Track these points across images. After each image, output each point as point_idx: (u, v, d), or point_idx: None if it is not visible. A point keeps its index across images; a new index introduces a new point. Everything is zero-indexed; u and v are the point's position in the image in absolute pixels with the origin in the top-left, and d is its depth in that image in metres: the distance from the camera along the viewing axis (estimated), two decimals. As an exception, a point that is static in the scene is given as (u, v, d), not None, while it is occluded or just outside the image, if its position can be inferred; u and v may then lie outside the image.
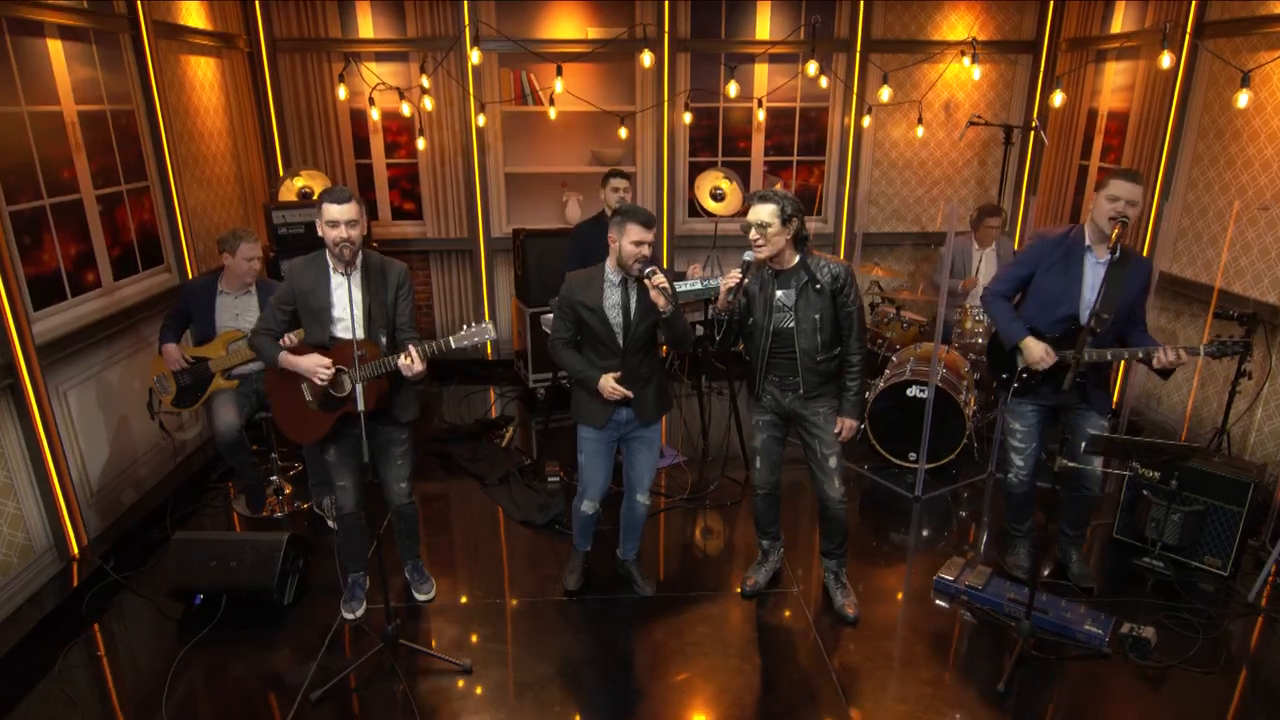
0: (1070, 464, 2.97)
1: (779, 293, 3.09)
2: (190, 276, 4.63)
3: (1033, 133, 5.63)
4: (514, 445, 5.08)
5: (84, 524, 3.67)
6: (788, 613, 3.47)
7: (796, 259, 3.06)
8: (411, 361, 2.85)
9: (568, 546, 3.79)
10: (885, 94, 5.77)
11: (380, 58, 5.80)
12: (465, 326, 2.95)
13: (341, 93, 5.53)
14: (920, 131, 6.03)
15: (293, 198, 5.46)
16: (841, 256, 6.38)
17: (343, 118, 5.87)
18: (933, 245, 6.29)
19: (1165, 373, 3.08)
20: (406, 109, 5.62)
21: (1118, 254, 3.03)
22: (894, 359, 5.08)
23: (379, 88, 5.64)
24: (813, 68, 5.55)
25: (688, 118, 5.83)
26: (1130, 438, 3.55)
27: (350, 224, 2.91)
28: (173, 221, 4.53)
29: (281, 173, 5.81)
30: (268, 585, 3.29)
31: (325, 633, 3.28)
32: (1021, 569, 3.66)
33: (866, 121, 5.98)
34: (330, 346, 3.03)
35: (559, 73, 5.45)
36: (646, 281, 3.02)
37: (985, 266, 5.34)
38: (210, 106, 5.05)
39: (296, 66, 5.69)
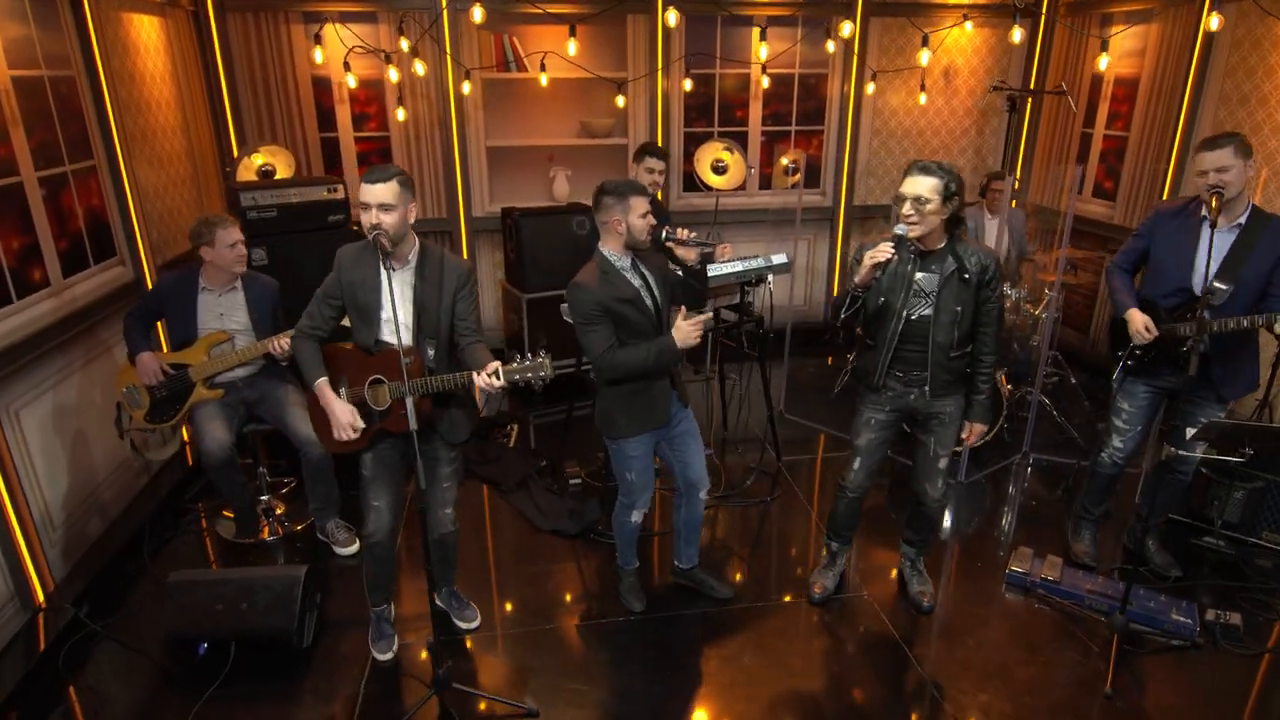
0: (1179, 452, 2.79)
1: (919, 275, 2.75)
2: (145, 269, 4.04)
3: (1059, 97, 5.46)
4: (521, 444, 4.69)
5: (48, 566, 3.12)
6: (863, 619, 3.23)
7: (944, 241, 2.75)
8: (493, 379, 2.45)
9: (607, 557, 3.48)
10: (924, 57, 5.50)
11: (345, 18, 5.20)
12: (519, 359, 2.53)
13: (317, 55, 4.92)
14: (923, 99, 5.82)
15: (252, 177, 4.86)
16: (840, 230, 6.17)
17: (305, 86, 5.26)
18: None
19: None
20: (393, 75, 5.05)
21: (1214, 219, 2.85)
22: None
23: (356, 50, 5.05)
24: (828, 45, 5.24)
25: (688, 85, 5.45)
26: (1248, 423, 3.45)
27: (384, 208, 2.47)
28: (124, 206, 3.92)
29: (235, 149, 5.18)
30: (286, 628, 2.85)
31: (358, 680, 2.86)
32: (1089, 555, 3.53)
33: (870, 89, 5.72)
34: (375, 351, 2.62)
35: (572, 32, 4.97)
36: (670, 244, 2.87)
37: (993, 236, 5.18)
38: (156, 73, 4.40)
39: (249, 28, 5.04)
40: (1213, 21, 4.13)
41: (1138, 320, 3.05)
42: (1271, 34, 4.21)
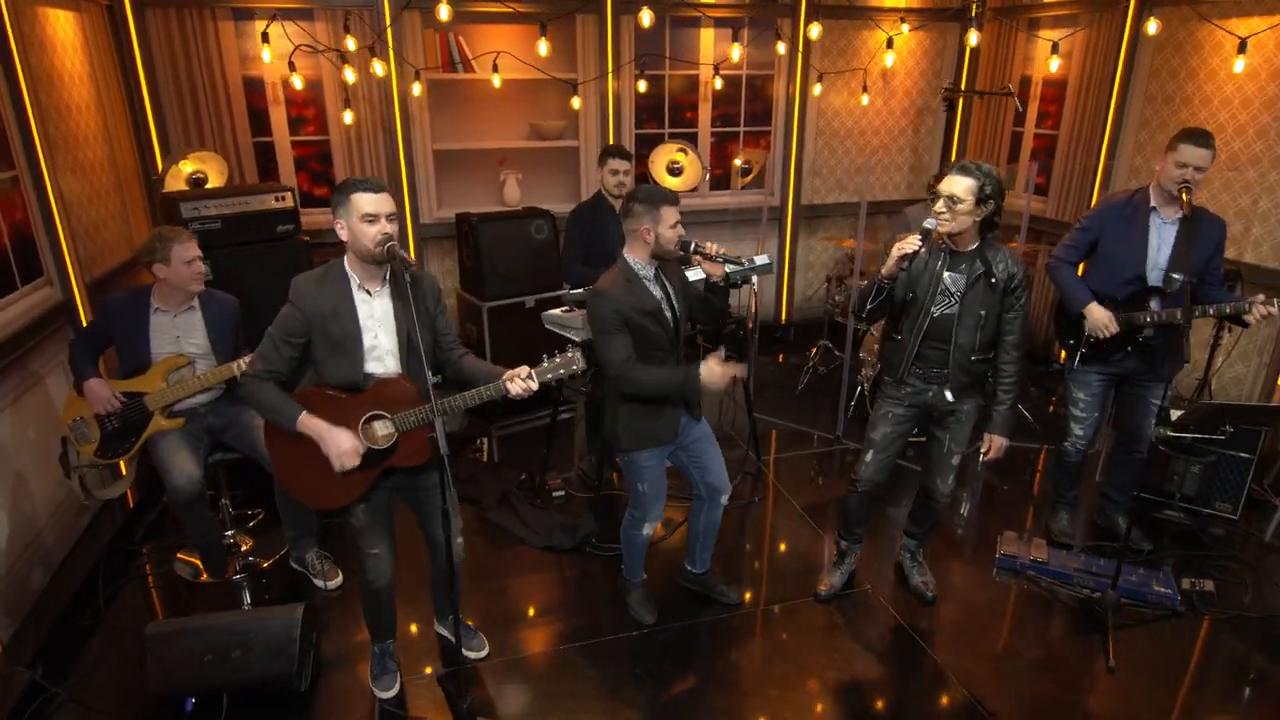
0: (1170, 434, 2.94)
1: (947, 274, 2.78)
2: (75, 290, 3.66)
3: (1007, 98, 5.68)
4: (492, 459, 4.53)
5: (-6, 626, 2.78)
6: (872, 613, 3.26)
7: (975, 244, 2.77)
8: (528, 382, 2.32)
9: (606, 569, 3.43)
10: (889, 58, 5.62)
11: (279, 15, 4.89)
12: (547, 358, 2.42)
13: (266, 55, 4.57)
14: (865, 99, 5.97)
15: (182, 185, 4.51)
16: (789, 230, 6.26)
17: (235, 87, 4.91)
18: (885, 214, 6.28)
19: (1239, 322, 3.08)
20: (350, 75, 4.75)
21: (1189, 213, 3.02)
22: (874, 331, 4.99)
23: (303, 49, 4.73)
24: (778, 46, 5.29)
25: (642, 86, 5.39)
26: (1230, 404, 3.67)
27: (391, 217, 2.32)
28: (49, 220, 3.53)
29: (159, 156, 4.78)
30: (286, 672, 2.63)
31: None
32: (1067, 535, 3.69)
33: (817, 90, 5.82)
34: (365, 386, 2.40)
35: (543, 32, 4.80)
36: (696, 257, 2.80)
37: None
38: (75, 73, 4.00)
39: (172, 25, 4.66)
40: (1150, 26, 4.40)
41: (1101, 315, 3.19)
42: (1194, 38, 4.53)
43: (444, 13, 4.31)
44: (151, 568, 3.49)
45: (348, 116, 4.83)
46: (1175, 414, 3.10)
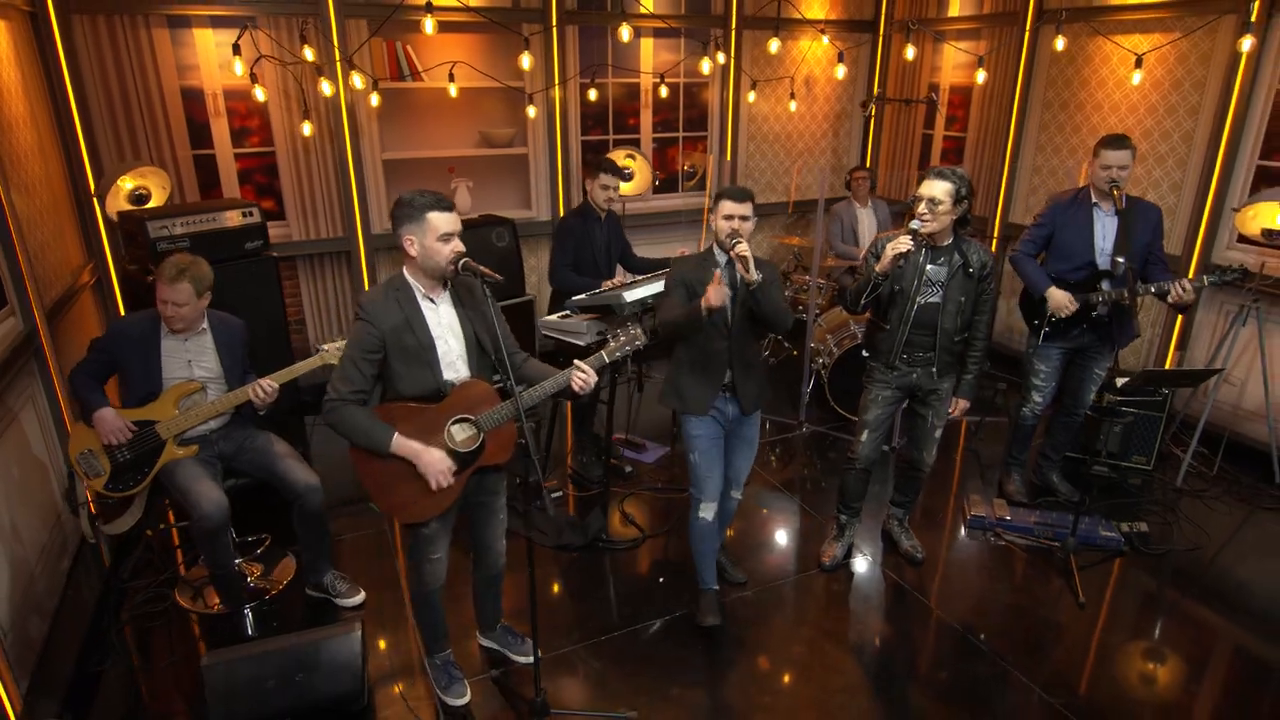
0: (1121, 396, 3.41)
1: (930, 267, 3.11)
2: (38, 319, 3.43)
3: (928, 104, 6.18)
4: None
5: (14, 683, 2.61)
6: (874, 578, 3.59)
7: (951, 239, 3.11)
8: (586, 376, 2.43)
9: (621, 561, 3.58)
10: (840, 71, 5.93)
11: (217, 23, 4.69)
12: (612, 339, 2.55)
13: (238, 67, 4.37)
14: (794, 105, 6.36)
15: (123, 203, 4.27)
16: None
17: (172, 99, 4.67)
18: (809, 214, 6.68)
19: (1180, 308, 3.61)
20: (327, 89, 4.60)
21: (1125, 205, 3.50)
22: (821, 323, 5.37)
23: (265, 59, 4.55)
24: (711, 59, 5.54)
25: (593, 94, 5.53)
26: (1164, 371, 4.29)
27: (460, 234, 2.39)
28: (8, 244, 3.30)
29: (89, 171, 4.49)
30: (354, 691, 2.64)
31: (437, 727, 2.72)
32: (1020, 493, 4.16)
33: (751, 97, 6.15)
34: (445, 393, 2.46)
35: (527, 45, 4.81)
36: (731, 253, 2.92)
37: (867, 226, 5.83)
38: (11, 86, 3.72)
39: (101, 33, 4.39)
40: (1058, 43, 4.98)
41: (1061, 297, 3.66)
42: (1085, 51, 5.16)
43: (428, 26, 4.30)
44: (151, 603, 3.33)
45: (306, 128, 4.70)
46: (1120, 381, 3.59)
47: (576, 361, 2.47)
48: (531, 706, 2.62)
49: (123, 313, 4.71)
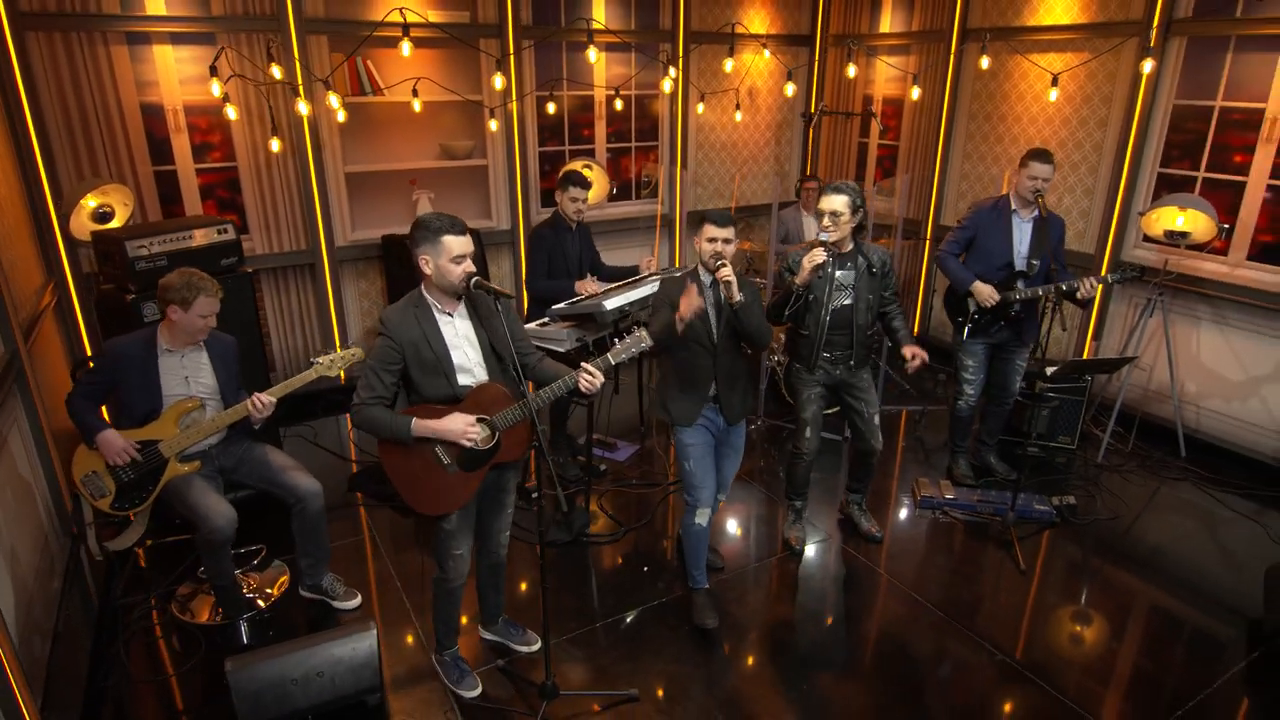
0: (1050, 385, 3.81)
1: (839, 273, 3.43)
2: (19, 343, 3.43)
3: (874, 118, 6.56)
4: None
5: (32, 700, 2.66)
6: (840, 558, 3.91)
7: (852, 245, 3.42)
8: (593, 377, 2.63)
9: (604, 555, 3.79)
10: (789, 89, 6.23)
11: (177, 40, 4.69)
12: (616, 342, 2.76)
13: (215, 89, 4.37)
14: (739, 116, 6.68)
15: (86, 221, 4.26)
16: (677, 234, 6.84)
17: (132, 115, 4.65)
18: (762, 217, 7.02)
19: (1085, 304, 4.05)
20: (304, 107, 4.62)
21: (1044, 214, 3.91)
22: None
23: (236, 77, 4.56)
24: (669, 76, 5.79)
25: (551, 107, 5.71)
26: (1086, 359, 4.79)
27: (472, 255, 2.57)
28: (-12, 268, 3.30)
29: (47, 190, 4.44)
30: (373, 686, 2.79)
31: (456, 717, 2.89)
32: (967, 477, 4.56)
33: (700, 109, 6.44)
34: (462, 396, 2.64)
35: (499, 66, 4.93)
36: (716, 274, 3.12)
37: (810, 233, 6.19)
38: (-24, 106, 3.69)
39: (58, 49, 4.35)
40: (984, 62, 5.42)
41: (986, 289, 4.04)
42: (1006, 68, 5.63)
43: (405, 49, 4.43)
44: (151, 619, 3.38)
45: (275, 145, 4.74)
46: (1049, 370, 3.99)
47: (583, 364, 2.67)
48: (542, 689, 2.82)
49: (85, 333, 4.68)
